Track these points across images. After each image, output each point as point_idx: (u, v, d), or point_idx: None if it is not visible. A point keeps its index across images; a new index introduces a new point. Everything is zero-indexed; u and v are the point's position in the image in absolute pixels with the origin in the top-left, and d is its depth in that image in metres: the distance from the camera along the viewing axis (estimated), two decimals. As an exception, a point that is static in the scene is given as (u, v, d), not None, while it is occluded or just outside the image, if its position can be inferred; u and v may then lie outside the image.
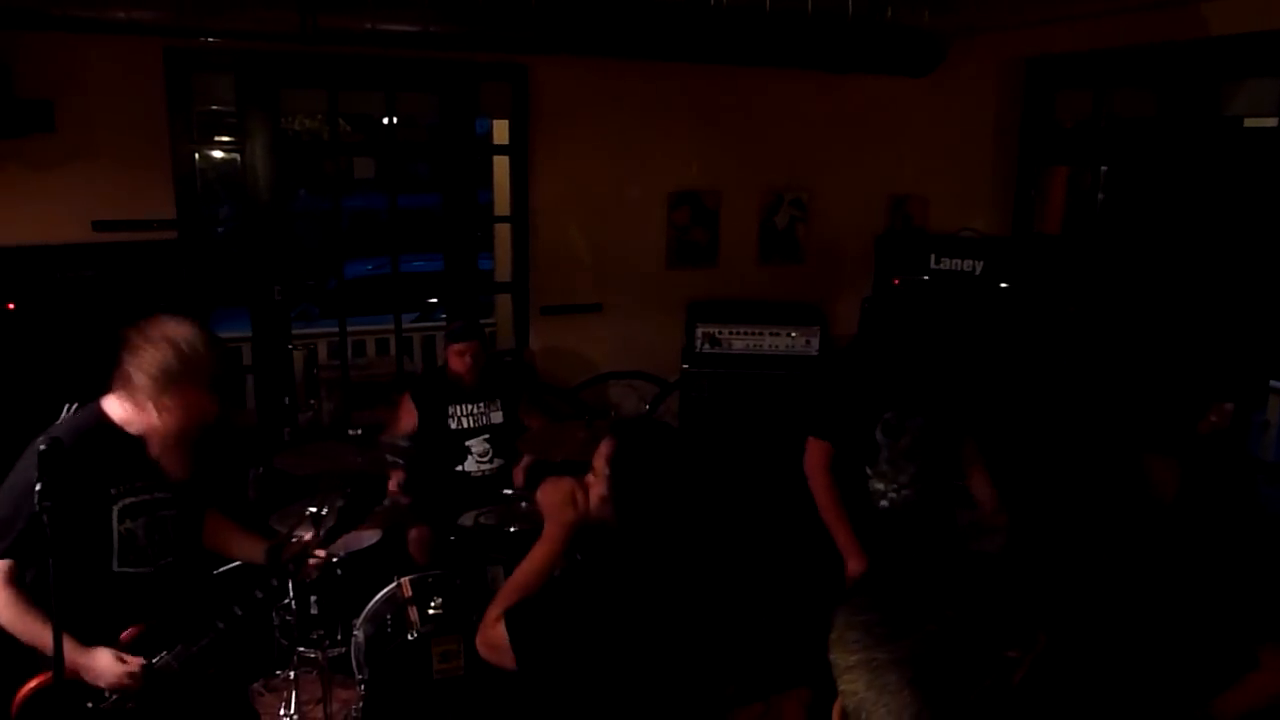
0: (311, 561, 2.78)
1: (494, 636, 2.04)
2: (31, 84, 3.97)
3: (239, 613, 2.58)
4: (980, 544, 3.30)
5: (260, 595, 2.71)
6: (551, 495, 2.17)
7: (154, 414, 2.37)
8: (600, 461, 2.15)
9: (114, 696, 2.39)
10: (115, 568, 2.43)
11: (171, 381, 2.33)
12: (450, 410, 4.24)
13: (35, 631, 2.29)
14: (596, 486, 2.14)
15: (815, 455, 3.21)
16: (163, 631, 2.48)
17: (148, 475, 2.45)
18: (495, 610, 2.07)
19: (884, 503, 3.18)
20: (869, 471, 3.18)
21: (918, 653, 1.09)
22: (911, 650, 1.09)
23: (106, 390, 2.44)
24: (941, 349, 3.22)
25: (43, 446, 2.16)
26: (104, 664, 2.35)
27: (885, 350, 3.30)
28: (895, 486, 3.18)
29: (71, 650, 2.26)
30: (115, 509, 2.40)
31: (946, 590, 1.14)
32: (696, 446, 2.18)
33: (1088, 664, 2.58)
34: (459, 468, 4.23)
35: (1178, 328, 4.34)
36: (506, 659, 2.01)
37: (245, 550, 2.84)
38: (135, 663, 2.37)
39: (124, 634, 2.43)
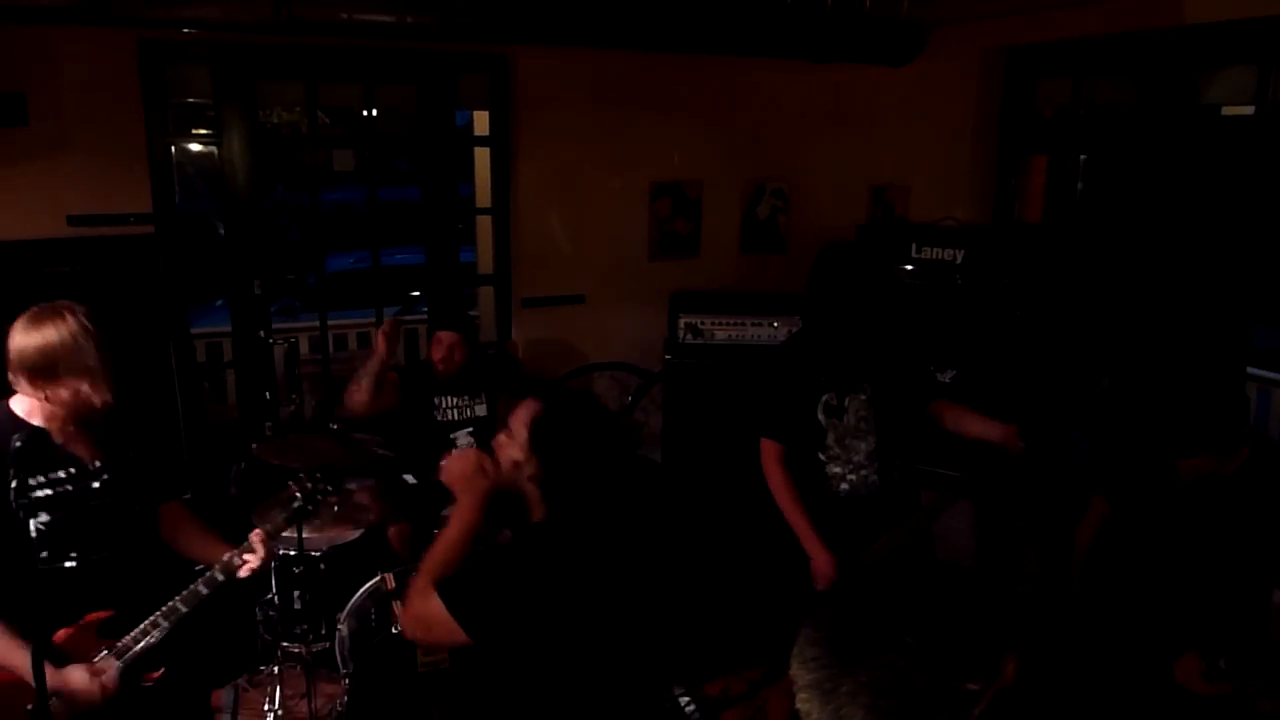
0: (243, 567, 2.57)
1: (425, 611, 1.99)
2: (3, 76, 3.92)
3: (182, 609, 2.45)
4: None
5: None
6: (460, 466, 2.12)
7: (43, 401, 2.34)
8: (518, 425, 2.09)
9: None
10: (41, 564, 2.36)
11: (47, 376, 2.30)
12: (436, 402, 4.22)
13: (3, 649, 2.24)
14: (509, 449, 2.09)
15: (768, 455, 3.19)
16: (129, 621, 2.41)
17: (61, 466, 2.38)
18: (421, 584, 2.03)
19: (844, 486, 3.15)
20: (822, 457, 3.15)
21: (875, 680, 1.06)
22: (869, 677, 1.07)
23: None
24: (871, 323, 3.16)
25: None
26: (77, 681, 2.29)
27: (815, 332, 3.26)
28: (851, 467, 3.15)
29: (51, 674, 2.20)
30: (24, 501, 2.29)
31: (910, 613, 1.10)
32: (611, 416, 2.16)
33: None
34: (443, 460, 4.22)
35: (1156, 314, 4.37)
36: (444, 633, 1.97)
37: (202, 552, 2.67)
38: (109, 673, 2.31)
39: (88, 617, 2.37)
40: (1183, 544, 2.67)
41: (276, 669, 3.66)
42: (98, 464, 2.44)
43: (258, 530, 2.58)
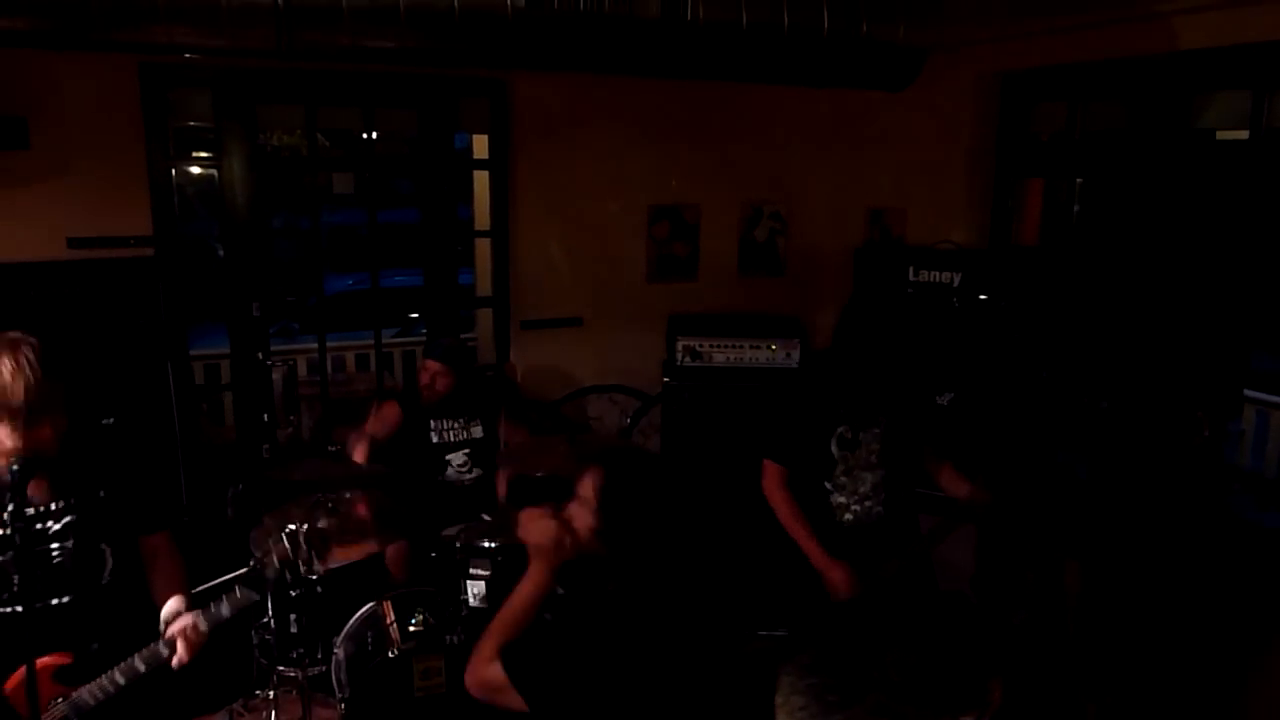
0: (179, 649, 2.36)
1: (491, 677, 1.98)
2: (5, 100, 3.94)
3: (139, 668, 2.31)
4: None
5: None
6: (538, 536, 2.10)
7: None
8: (588, 492, 2.10)
9: None
10: None
11: None
12: (432, 425, 4.23)
13: None
14: (583, 517, 2.09)
15: (771, 477, 3.19)
16: (89, 667, 2.31)
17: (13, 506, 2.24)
18: (487, 649, 2.02)
19: (848, 516, 3.16)
20: (828, 486, 3.16)
21: None
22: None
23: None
24: (892, 359, 3.17)
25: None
26: None
27: (835, 363, 3.27)
28: (856, 498, 3.16)
29: None
30: None
31: (890, 650, 1.09)
32: (679, 471, 2.14)
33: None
34: (440, 478, 4.23)
35: (1154, 337, 4.38)
36: (508, 699, 1.96)
37: (158, 598, 2.49)
38: None
39: (40, 661, 2.23)
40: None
41: (272, 693, 3.63)
42: (57, 505, 2.31)
43: (192, 622, 2.36)
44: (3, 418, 2.17)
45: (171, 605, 2.42)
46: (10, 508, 2.12)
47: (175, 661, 2.33)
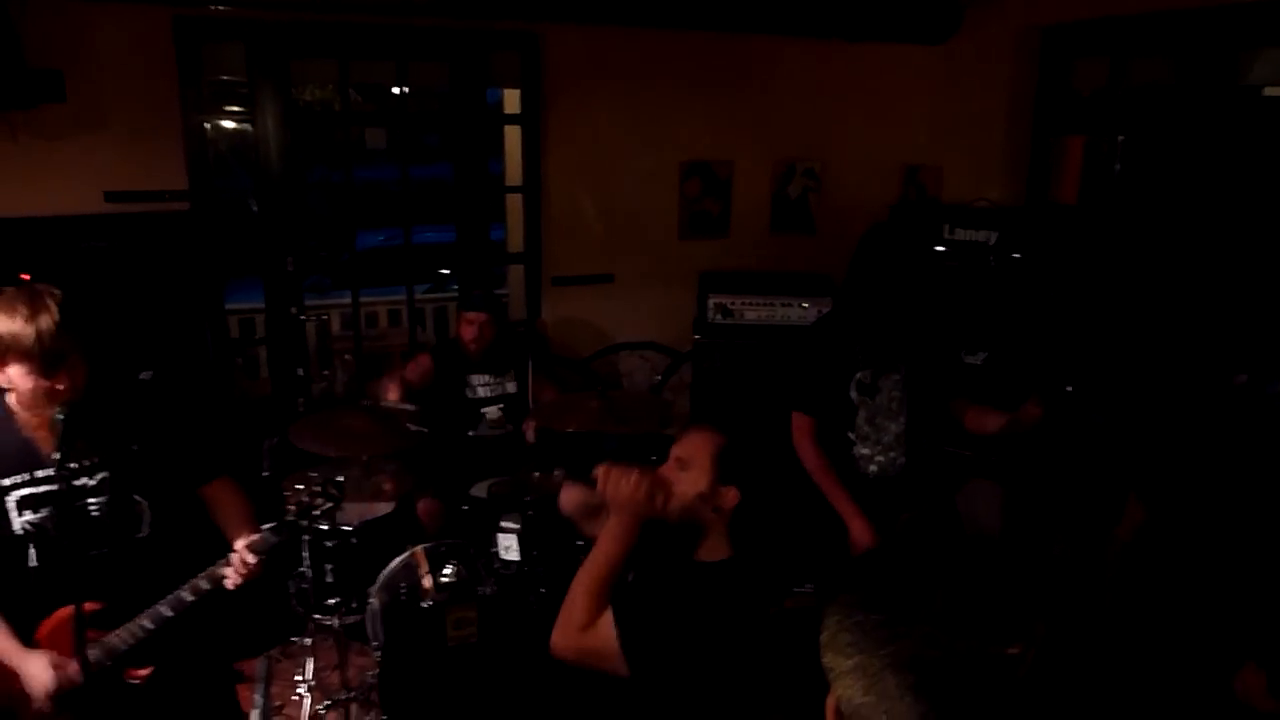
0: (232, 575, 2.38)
1: (592, 642, 1.93)
2: (42, 54, 3.96)
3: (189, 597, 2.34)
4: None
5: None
6: (628, 491, 1.99)
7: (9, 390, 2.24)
8: (700, 456, 2.07)
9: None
10: (32, 563, 2.31)
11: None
12: (469, 380, 4.27)
13: None
14: (689, 482, 2.05)
15: (799, 429, 3.18)
16: (123, 612, 2.34)
17: (42, 464, 2.28)
18: (580, 611, 1.96)
19: (872, 468, 3.14)
20: (851, 437, 3.14)
21: (916, 655, 1.07)
22: (910, 653, 1.07)
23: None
24: (911, 302, 3.13)
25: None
26: (34, 669, 2.24)
27: (852, 308, 3.23)
28: (880, 449, 3.14)
29: (13, 653, 2.24)
30: (9, 501, 2.27)
31: (936, 585, 1.11)
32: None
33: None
34: (471, 433, 4.27)
35: (1194, 298, 4.31)
36: (611, 664, 1.91)
37: (228, 535, 2.51)
38: (66, 674, 2.24)
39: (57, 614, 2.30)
40: (1233, 546, 2.62)
41: (309, 640, 3.72)
42: (92, 460, 2.33)
43: (242, 544, 2.39)
44: (20, 359, 2.18)
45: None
46: (56, 456, 2.16)
47: (230, 584, 2.36)
